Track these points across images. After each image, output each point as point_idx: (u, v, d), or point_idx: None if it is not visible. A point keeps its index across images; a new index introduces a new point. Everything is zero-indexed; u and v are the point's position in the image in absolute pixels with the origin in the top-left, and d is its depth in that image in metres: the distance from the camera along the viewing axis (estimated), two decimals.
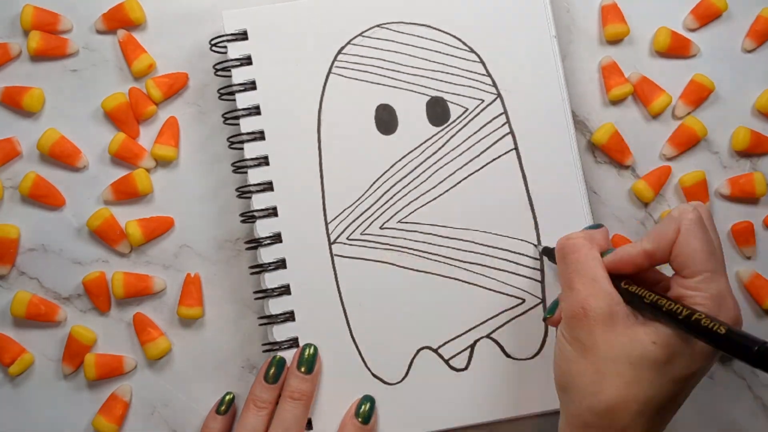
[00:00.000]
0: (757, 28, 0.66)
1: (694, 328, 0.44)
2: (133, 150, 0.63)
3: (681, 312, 0.45)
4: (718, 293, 0.47)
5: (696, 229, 0.48)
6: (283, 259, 0.60)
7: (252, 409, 0.58)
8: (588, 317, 0.48)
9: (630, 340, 0.46)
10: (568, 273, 0.50)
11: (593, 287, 0.48)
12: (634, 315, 0.48)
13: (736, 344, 0.42)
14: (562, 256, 0.51)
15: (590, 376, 0.47)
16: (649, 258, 0.49)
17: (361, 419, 0.58)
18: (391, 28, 0.62)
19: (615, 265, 0.50)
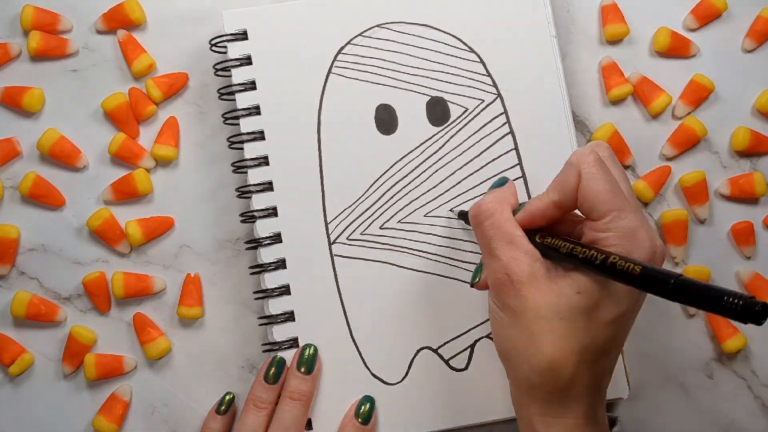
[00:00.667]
0: (757, 28, 0.66)
1: (610, 271, 0.44)
2: (133, 150, 0.63)
3: (596, 258, 0.45)
4: (628, 230, 0.46)
5: (596, 171, 0.47)
6: (283, 259, 0.60)
7: (252, 409, 0.58)
8: (512, 282, 0.48)
9: (556, 296, 0.47)
10: (486, 240, 0.50)
11: (512, 251, 0.48)
12: (555, 268, 0.48)
13: (653, 281, 0.42)
14: (477, 224, 0.51)
15: (525, 338, 0.47)
16: (558, 208, 0.49)
17: (361, 420, 0.58)
18: (391, 28, 0.62)
19: (528, 220, 0.50)
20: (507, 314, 0.48)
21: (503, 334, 0.49)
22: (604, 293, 0.47)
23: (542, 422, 0.48)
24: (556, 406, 0.48)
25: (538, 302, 0.47)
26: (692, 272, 0.63)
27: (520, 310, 0.47)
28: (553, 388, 0.47)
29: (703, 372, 0.64)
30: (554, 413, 0.48)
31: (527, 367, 0.48)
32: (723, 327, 0.63)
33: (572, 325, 0.46)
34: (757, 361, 0.64)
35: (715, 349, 0.64)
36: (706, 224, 0.65)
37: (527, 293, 0.47)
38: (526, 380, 0.48)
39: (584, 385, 0.48)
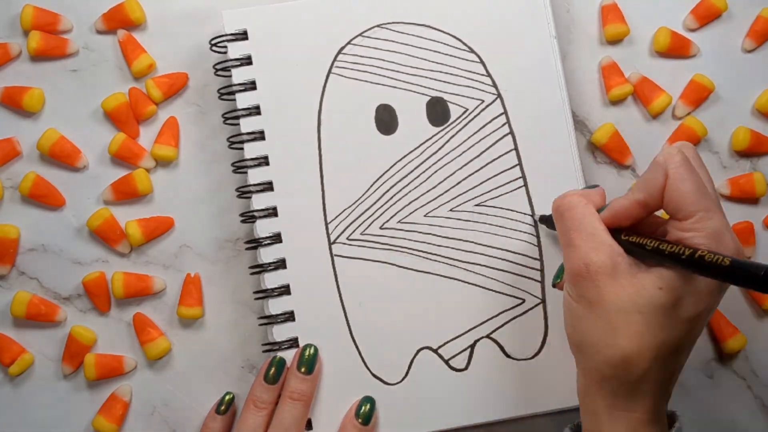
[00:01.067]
0: (757, 28, 0.66)
1: (698, 265, 0.44)
2: (133, 150, 0.63)
3: (683, 252, 0.45)
4: (714, 231, 0.46)
5: (683, 171, 0.47)
6: (283, 259, 0.60)
7: (252, 409, 0.58)
8: (590, 272, 0.48)
9: (636, 290, 0.47)
10: (566, 231, 0.50)
11: (593, 241, 0.48)
12: (637, 265, 0.48)
13: (743, 273, 0.42)
14: (558, 215, 0.51)
15: (601, 329, 0.47)
16: (642, 207, 0.49)
17: (361, 420, 0.58)
18: (391, 28, 0.62)
19: (611, 219, 0.50)
20: (583, 305, 0.48)
21: (578, 326, 0.49)
22: (687, 290, 0.47)
23: (608, 414, 0.48)
24: (625, 399, 0.48)
25: (617, 294, 0.47)
26: None
27: (597, 301, 0.47)
28: (625, 382, 0.47)
29: (703, 372, 0.64)
30: (622, 407, 0.48)
31: (601, 358, 0.48)
32: (723, 327, 0.63)
33: (651, 320, 0.46)
34: (757, 361, 0.64)
35: (715, 349, 0.64)
36: None
37: (605, 284, 0.47)
38: (597, 371, 0.48)
39: (655, 381, 0.48)
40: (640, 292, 0.47)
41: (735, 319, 0.64)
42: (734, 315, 0.64)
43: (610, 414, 0.48)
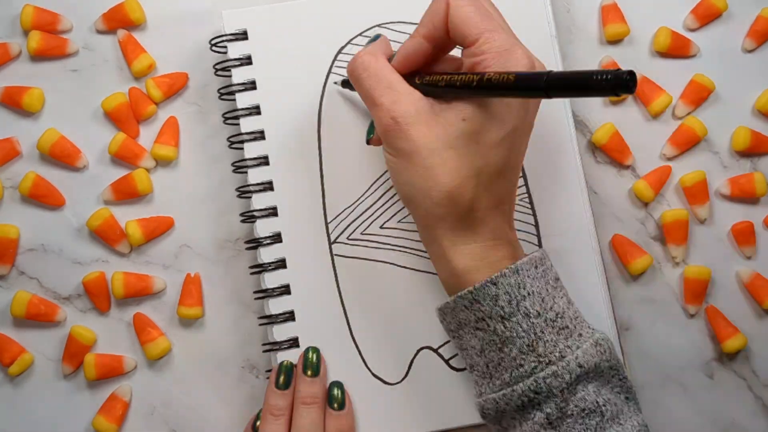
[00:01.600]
0: (757, 28, 0.66)
1: (488, 87, 0.46)
2: (133, 150, 0.63)
3: (473, 80, 0.47)
4: (502, 48, 0.48)
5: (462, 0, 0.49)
6: (283, 259, 0.60)
7: (269, 418, 0.57)
8: (399, 124, 0.49)
9: (442, 127, 0.49)
10: (367, 91, 0.51)
11: (393, 94, 0.50)
12: (438, 103, 0.50)
13: (527, 84, 0.44)
14: (355, 79, 0.52)
15: (422, 175, 0.49)
16: (429, 41, 0.51)
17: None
18: (391, 27, 0.62)
19: (404, 63, 0.52)
20: (400, 158, 0.50)
21: (402, 179, 0.50)
22: (488, 116, 0.49)
23: (453, 251, 0.51)
24: (463, 231, 0.50)
25: (427, 137, 0.49)
26: (692, 272, 0.63)
27: (412, 149, 0.49)
28: (457, 215, 0.50)
29: (703, 372, 0.64)
30: (463, 240, 0.50)
31: (429, 202, 0.49)
32: (723, 327, 0.63)
33: (463, 151, 0.49)
34: (757, 361, 0.64)
35: (715, 349, 0.64)
36: (706, 224, 0.65)
37: (415, 131, 0.49)
38: (431, 215, 0.50)
39: (485, 207, 0.50)
40: (447, 129, 0.48)
41: (735, 319, 0.64)
42: (734, 315, 0.64)
43: (455, 250, 0.50)
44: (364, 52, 0.52)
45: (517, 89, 0.45)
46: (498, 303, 0.49)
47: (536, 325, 0.49)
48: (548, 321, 0.50)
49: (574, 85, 0.42)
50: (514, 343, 0.49)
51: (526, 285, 0.50)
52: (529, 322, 0.49)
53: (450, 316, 0.52)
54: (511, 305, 0.49)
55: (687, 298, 0.64)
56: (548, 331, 0.49)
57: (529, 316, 0.49)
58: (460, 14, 0.49)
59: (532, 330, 0.49)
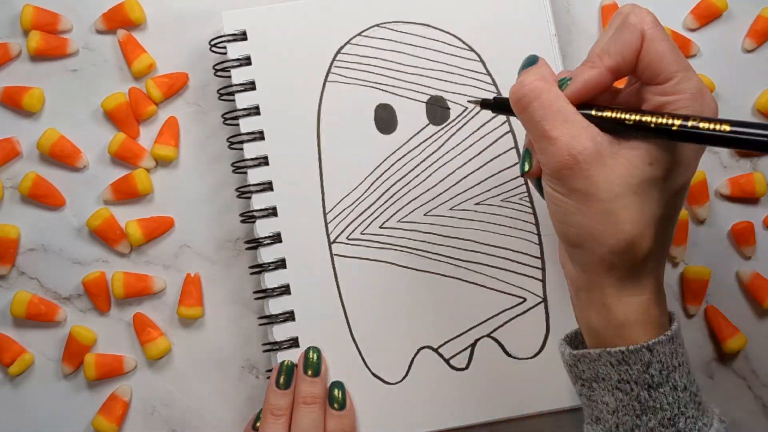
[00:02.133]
0: (757, 28, 0.66)
1: (692, 135, 0.42)
2: (133, 150, 0.63)
3: (672, 124, 0.43)
4: (697, 90, 0.44)
5: (660, 31, 0.45)
6: (283, 259, 0.60)
7: (270, 418, 0.57)
8: (579, 162, 0.44)
9: (626, 170, 0.44)
10: (538, 123, 0.46)
11: (571, 129, 0.45)
12: (617, 142, 0.45)
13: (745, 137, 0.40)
14: (523, 107, 0.46)
15: (600, 219, 0.44)
16: (613, 74, 0.46)
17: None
18: (391, 27, 0.62)
19: (580, 92, 0.46)
20: (576, 199, 0.45)
21: (573, 222, 0.46)
22: (675, 160, 0.45)
23: (617, 302, 0.46)
24: (632, 284, 0.46)
25: (609, 179, 0.44)
26: (692, 272, 0.63)
27: (591, 191, 0.44)
28: (631, 267, 0.45)
29: (703, 372, 0.64)
30: (629, 291, 0.46)
31: (606, 249, 0.45)
32: (723, 327, 0.63)
33: (647, 198, 0.44)
34: (757, 361, 0.64)
35: (715, 349, 0.64)
36: (706, 224, 0.65)
37: (596, 172, 0.44)
38: (602, 263, 0.46)
39: (656, 258, 0.46)
40: (632, 172, 0.44)
41: (735, 319, 0.64)
42: (734, 315, 0.64)
43: (620, 301, 0.46)
44: (534, 77, 0.47)
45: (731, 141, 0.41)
46: (648, 371, 0.45)
47: (681, 399, 0.46)
48: (692, 395, 0.46)
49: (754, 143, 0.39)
50: (655, 414, 0.46)
51: (679, 354, 0.46)
52: (676, 395, 0.46)
53: (586, 365, 0.48)
54: (662, 375, 0.46)
55: (687, 298, 0.64)
56: (691, 407, 0.46)
57: (677, 389, 0.46)
58: (658, 49, 0.44)
59: (677, 404, 0.46)
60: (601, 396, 0.48)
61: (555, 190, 0.46)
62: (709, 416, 0.47)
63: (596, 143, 0.44)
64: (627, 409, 0.46)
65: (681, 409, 0.46)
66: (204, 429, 0.62)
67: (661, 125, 0.43)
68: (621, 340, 0.46)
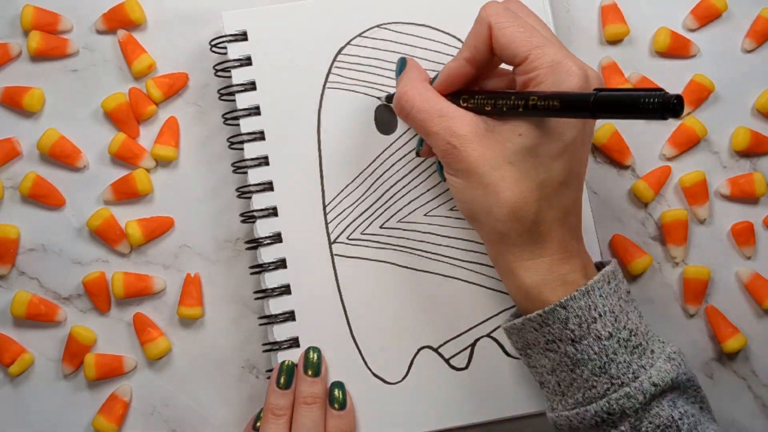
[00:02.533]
0: (757, 28, 0.66)
1: (536, 110, 0.46)
2: (133, 150, 0.63)
3: (518, 105, 0.47)
4: (552, 62, 0.47)
5: (505, 19, 0.49)
6: (283, 259, 0.60)
7: (271, 418, 0.57)
8: (456, 147, 0.49)
9: (500, 143, 0.48)
10: (420, 123, 0.51)
11: (446, 121, 0.50)
12: (492, 120, 0.49)
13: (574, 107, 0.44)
14: (406, 115, 0.52)
15: (483, 192, 0.49)
16: (471, 64, 0.51)
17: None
18: (391, 28, 0.62)
19: (446, 84, 0.52)
20: (461, 177, 0.50)
21: (464, 197, 0.50)
22: (544, 130, 0.48)
23: (521, 267, 0.50)
24: (529, 246, 0.50)
25: (485, 155, 0.49)
26: (692, 272, 0.63)
27: (471, 168, 0.49)
28: (522, 230, 0.49)
29: (703, 372, 0.64)
30: (530, 255, 0.50)
31: (492, 218, 0.49)
32: (723, 327, 0.63)
33: (522, 166, 0.48)
34: (757, 361, 0.64)
35: (715, 349, 0.64)
36: (706, 224, 0.65)
37: (472, 150, 0.49)
38: (495, 231, 0.50)
39: (551, 220, 0.49)
40: (504, 145, 0.48)
41: (735, 319, 0.64)
42: (734, 315, 0.64)
43: (523, 266, 0.50)
44: (406, 87, 0.53)
45: (564, 112, 0.45)
46: (568, 326, 0.48)
47: (608, 347, 0.48)
48: (621, 341, 0.49)
49: (621, 108, 0.42)
50: (585, 365, 0.48)
51: (597, 306, 0.49)
52: (601, 344, 0.48)
53: (516, 336, 0.52)
54: (582, 328, 0.48)
55: (687, 298, 0.64)
56: (620, 352, 0.48)
57: (600, 339, 0.48)
58: (506, 35, 0.49)
59: (604, 352, 0.48)
60: (537, 360, 0.51)
61: (448, 173, 0.51)
62: (649, 357, 0.49)
63: (471, 126, 0.49)
64: (561, 366, 0.50)
65: (610, 356, 0.48)
66: (204, 429, 0.62)
67: (509, 106, 0.48)
68: (533, 303, 0.50)
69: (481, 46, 0.50)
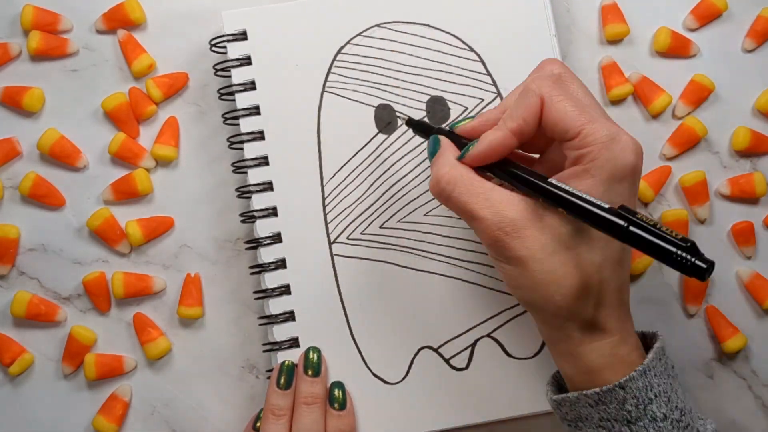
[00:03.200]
0: (757, 28, 0.66)
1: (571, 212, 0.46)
2: (133, 150, 0.63)
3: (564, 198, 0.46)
4: (607, 137, 0.47)
5: (558, 92, 0.48)
6: (283, 259, 0.60)
7: (271, 418, 0.57)
8: (508, 234, 0.47)
9: (553, 229, 0.47)
10: (463, 207, 0.49)
11: (494, 205, 0.48)
12: (539, 203, 0.48)
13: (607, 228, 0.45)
14: (446, 199, 0.50)
15: (543, 280, 0.47)
16: (517, 136, 0.49)
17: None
18: (391, 27, 0.62)
19: (485, 155, 0.49)
20: (516, 265, 0.48)
21: (521, 285, 0.49)
22: None
23: (583, 350, 0.49)
24: (591, 330, 0.49)
25: (540, 241, 0.47)
26: None
27: (527, 255, 0.47)
28: (587, 315, 0.48)
29: (703, 372, 0.64)
30: (590, 338, 0.49)
31: (554, 305, 0.48)
32: (723, 327, 0.63)
33: (579, 249, 0.47)
34: (757, 361, 0.64)
35: (715, 349, 0.64)
36: (706, 224, 0.65)
37: (526, 238, 0.47)
38: (557, 318, 0.49)
39: (611, 301, 0.48)
40: (559, 229, 0.47)
41: (735, 319, 0.64)
42: (734, 315, 0.64)
43: (585, 349, 0.49)
44: (446, 168, 0.50)
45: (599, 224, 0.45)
46: (625, 407, 0.48)
47: (663, 428, 0.48)
48: (674, 422, 0.48)
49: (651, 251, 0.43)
50: None
51: (654, 386, 0.48)
52: (656, 426, 0.48)
53: (568, 408, 0.51)
54: (639, 409, 0.48)
55: (687, 298, 0.64)
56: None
57: (656, 420, 0.48)
58: (558, 109, 0.48)
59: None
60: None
61: (497, 260, 0.49)
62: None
63: (520, 211, 0.47)
64: None
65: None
66: (204, 429, 0.62)
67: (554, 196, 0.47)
68: (593, 383, 0.49)
69: (531, 119, 0.48)
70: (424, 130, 0.56)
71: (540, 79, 0.49)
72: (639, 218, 0.44)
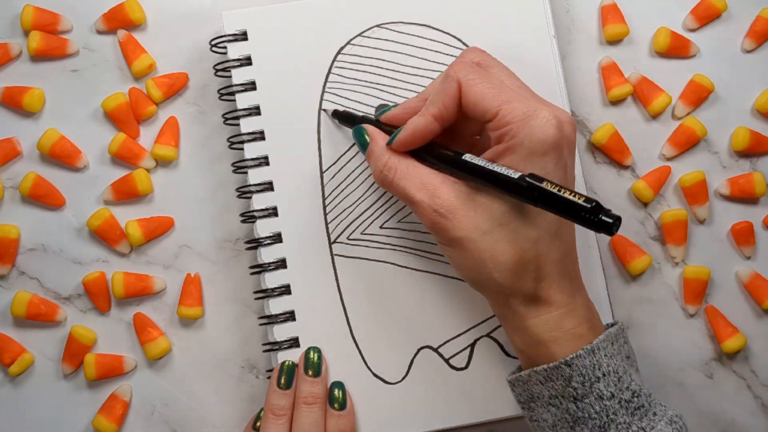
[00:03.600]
0: (757, 28, 0.66)
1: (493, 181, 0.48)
2: (133, 150, 0.63)
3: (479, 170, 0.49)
4: (523, 114, 0.48)
5: (474, 77, 0.50)
6: (283, 259, 0.60)
7: (271, 418, 0.57)
8: (444, 216, 0.49)
9: (486, 208, 0.49)
10: (402, 192, 0.51)
11: (429, 188, 0.50)
12: (474, 185, 0.50)
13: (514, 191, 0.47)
14: (389, 184, 0.52)
15: (481, 258, 0.49)
16: (439, 120, 0.51)
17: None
18: (391, 27, 0.62)
19: (410, 139, 0.52)
20: (455, 247, 0.50)
21: (462, 266, 0.51)
22: None
23: (529, 323, 0.50)
24: (536, 303, 0.50)
25: (474, 222, 0.49)
26: (692, 272, 0.63)
27: (464, 236, 0.49)
28: (526, 288, 0.49)
29: (703, 372, 0.64)
30: (536, 312, 0.50)
31: (495, 282, 0.49)
32: (723, 327, 0.63)
33: (513, 225, 0.49)
34: (757, 361, 0.64)
35: (715, 349, 0.64)
36: (706, 224, 0.65)
37: (462, 219, 0.49)
38: (500, 294, 0.50)
39: (551, 273, 0.50)
40: (491, 207, 0.49)
41: (734, 319, 0.64)
42: (734, 315, 0.64)
43: (531, 323, 0.50)
44: (385, 155, 0.53)
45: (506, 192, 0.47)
46: (571, 384, 0.49)
47: (609, 407, 0.49)
48: (622, 402, 0.49)
49: (561, 211, 0.45)
50: (585, 423, 0.49)
51: (602, 365, 0.49)
52: (602, 404, 0.49)
53: (521, 388, 0.52)
54: (585, 387, 0.49)
55: (686, 298, 0.64)
56: (621, 413, 0.49)
57: (602, 399, 0.49)
58: (475, 92, 0.49)
59: (605, 412, 0.49)
60: (539, 414, 0.52)
61: (440, 243, 0.52)
62: (650, 419, 0.49)
63: (452, 193, 0.50)
64: (562, 423, 0.50)
65: (610, 417, 0.49)
66: (204, 429, 0.62)
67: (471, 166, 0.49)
68: (543, 358, 0.50)
69: (450, 104, 0.50)
70: (350, 120, 0.59)
71: (459, 65, 0.51)
72: (545, 184, 0.45)
